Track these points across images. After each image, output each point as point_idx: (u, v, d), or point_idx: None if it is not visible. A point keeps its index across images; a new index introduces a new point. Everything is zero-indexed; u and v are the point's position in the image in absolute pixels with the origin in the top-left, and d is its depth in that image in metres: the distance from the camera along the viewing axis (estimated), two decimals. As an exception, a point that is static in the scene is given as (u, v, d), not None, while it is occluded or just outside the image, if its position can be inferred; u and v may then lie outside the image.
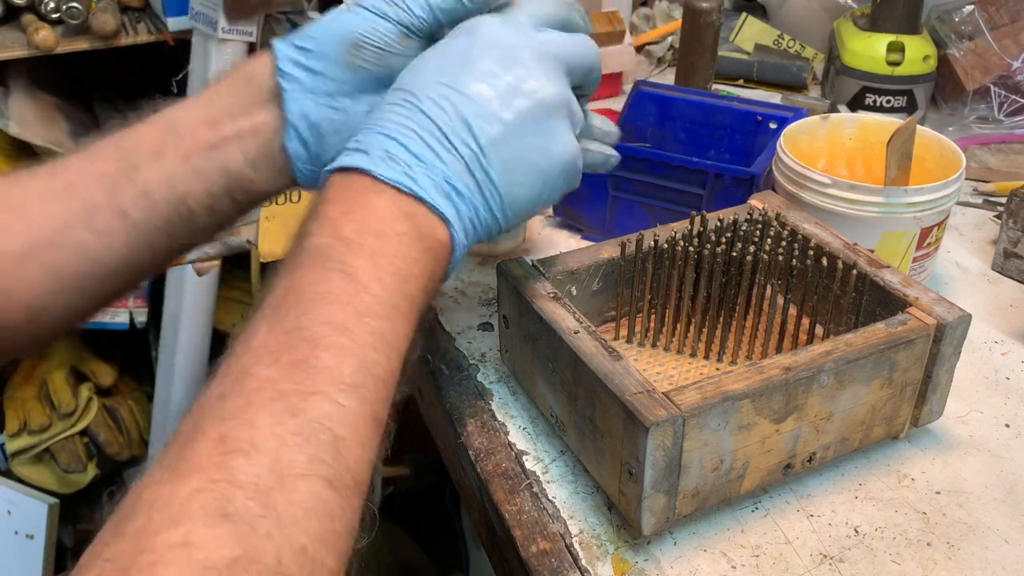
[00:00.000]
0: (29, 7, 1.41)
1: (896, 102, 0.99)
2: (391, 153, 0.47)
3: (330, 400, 0.39)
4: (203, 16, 1.30)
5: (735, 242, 0.61)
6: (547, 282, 0.60)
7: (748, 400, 0.50)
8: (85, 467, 1.58)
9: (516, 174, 0.50)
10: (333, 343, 0.40)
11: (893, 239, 0.69)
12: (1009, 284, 0.78)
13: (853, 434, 0.56)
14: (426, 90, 0.49)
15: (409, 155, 0.47)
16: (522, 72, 0.50)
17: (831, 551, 0.53)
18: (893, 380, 0.56)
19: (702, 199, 0.75)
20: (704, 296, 0.62)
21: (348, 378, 0.40)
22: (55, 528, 1.56)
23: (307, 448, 0.37)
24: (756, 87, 1.14)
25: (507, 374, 0.66)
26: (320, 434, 0.38)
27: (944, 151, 0.73)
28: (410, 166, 0.47)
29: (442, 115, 0.48)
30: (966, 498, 0.57)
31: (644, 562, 0.52)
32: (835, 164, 0.78)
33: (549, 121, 0.51)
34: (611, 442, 0.52)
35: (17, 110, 1.47)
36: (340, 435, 0.38)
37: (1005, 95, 1.01)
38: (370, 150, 0.47)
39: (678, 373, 0.63)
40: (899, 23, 0.98)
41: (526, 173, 0.50)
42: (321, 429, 0.38)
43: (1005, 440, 0.61)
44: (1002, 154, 0.99)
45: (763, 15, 1.28)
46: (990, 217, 0.87)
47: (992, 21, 1.00)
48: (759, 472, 0.54)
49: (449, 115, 0.48)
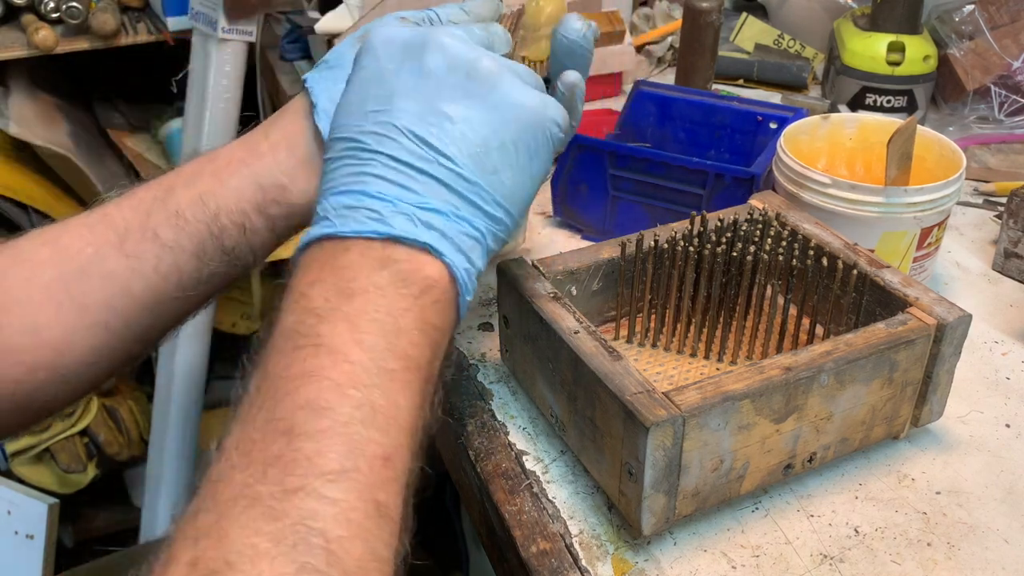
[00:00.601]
0: (29, 7, 1.41)
1: (896, 102, 0.99)
2: (349, 206, 0.43)
3: (316, 495, 0.34)
4: (203, 16, 1.30)
5: (735, 242, 0.61)
6: (547, 282, 0.59)
7: (748, 400, 0.50)
8: (85, 467, 1.58)
9: (489, 160, 0.45)
10: (312, 428, 0.36)
11: (893, 239, 0.69)
12: (1009, 284, 0.78)
13: (853, 434, 0.56)
14: (361, 127, 0.45)
15: (371, 199, 0.43)
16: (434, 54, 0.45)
17: (831, 551, 0.53)
18: (893, 380, 0.56)
19: (702, 199, 0.75)
20: (704, 296, 0.62)
21: (335, 464, 0.35)
22: (55, 528, 1.56)
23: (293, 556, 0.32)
24: (756, 87, 1.14)
25: (507, 374, 0.66)
26: (308, 537, 0.33)
27: (944, 151, 0.73)
28: (375, 211, 0.42)
29: (386, 142, 0.44)
30: (966, 498, 0.57)
31: (644, 562, 0.52)
32: (835, 164, 0.78)
33: (491, 86, 0.45)
34: (611, 442, 0.52)
35: (17, 110, 1.47)
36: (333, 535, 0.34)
37: (1005, 95, 1.01)
38: (328, 214, 0.43)
39: (678, 373, 0.63)
40: (899, 23, 0.98)
41: (500, 154, 0.45)
42: (308, 532, 0.33)
43: (1005, 440, 0.61)
44: (1002, 154, 0.99)
45: (763, 15, 1.28)
46: (990, 217, 0.87)
47: (992, 21, 1.00)
48: (759, 472, 0.54)
49: (393, 138, 0.44)
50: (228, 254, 0.53)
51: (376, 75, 0.46)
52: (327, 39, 1.11)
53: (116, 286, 0.52)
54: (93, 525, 1.71)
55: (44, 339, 0.50)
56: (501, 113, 0.46)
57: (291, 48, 1.27)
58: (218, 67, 1.31)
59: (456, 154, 0.44)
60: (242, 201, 0.53)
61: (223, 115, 1.34)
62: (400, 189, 0.43)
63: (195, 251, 0.52)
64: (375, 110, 0.45)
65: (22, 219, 1.45)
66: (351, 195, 0.43)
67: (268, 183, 0.53)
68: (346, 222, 0.42)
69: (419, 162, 0.44)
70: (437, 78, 0.45)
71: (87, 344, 0.52)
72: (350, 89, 0.48)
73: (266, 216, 0.53)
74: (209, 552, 0.32)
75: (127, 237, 0.52)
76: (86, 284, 0.51)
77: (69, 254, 0.51)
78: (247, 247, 0.54)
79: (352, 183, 0.44)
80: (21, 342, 0.50)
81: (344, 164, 0.45)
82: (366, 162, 0.44)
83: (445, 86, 0.45)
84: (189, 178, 0.54)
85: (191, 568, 0.32)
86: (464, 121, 0.45)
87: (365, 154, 0.44)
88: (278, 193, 0.53)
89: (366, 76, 0.47)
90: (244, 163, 0.53)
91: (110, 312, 0.52)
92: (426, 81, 0.45)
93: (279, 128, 0.55)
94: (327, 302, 0.40)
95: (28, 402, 0.51)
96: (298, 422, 0.36)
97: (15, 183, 1.44)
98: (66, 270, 0.51)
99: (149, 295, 0.52)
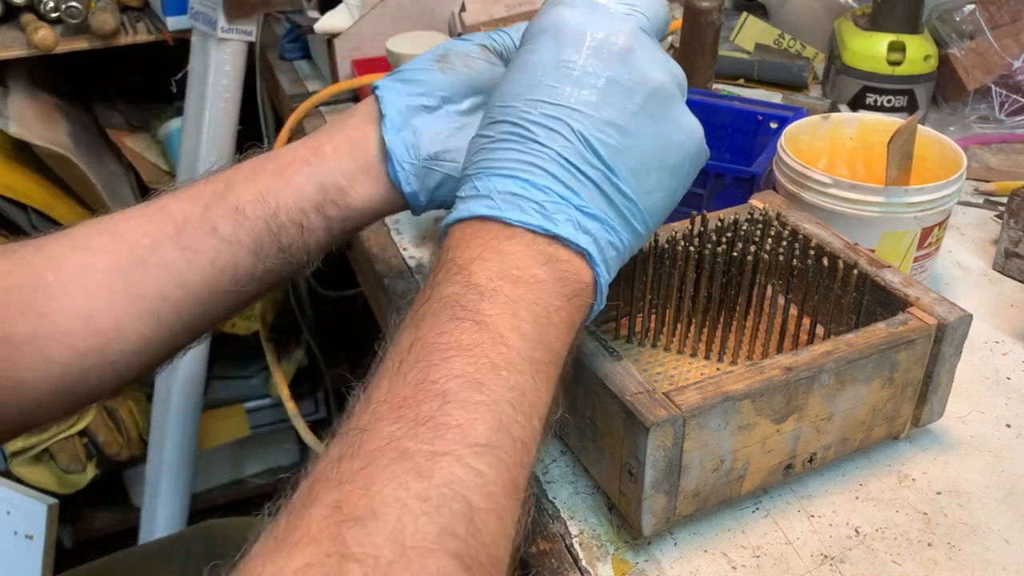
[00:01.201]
0: (28, 7, 1.41)
1: (897, 102, 0.99)
2: (516, 194, 0.43)
3: (462, 463, 0.34)
4: (202, 15, 1.30)
5: (735, 242, 0.61)
6: (547, 282, 0.59)
7: (748, 400, 0.50)
8: (84, 467, 1.58)
9: (648, 180, 0.45)
10: (465, 399, 0.36)
11: (894, 239, 0.69)
12: (1010, 284, 0.78)
13: (854, 434, 0.56)
14: (528, 116, 0.44)
15: (536, 191, 0.43)
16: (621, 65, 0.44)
17: (832, 551, 0.53)
18: (894, 380, 0.56)
19: (702, 199, 0.74)
20: (704, 296, 0.62)
21: (483, 438, 0.35)
22: (54, 528, 1.56)
23: (436, 518, 0.32)
24: (757, 87, 1.14)
25: (507, 374, 0.66)
26: (452, 502, 0.33)
27: (945, 151, 0.73)
28: (541, 204, 0.42)
29: (557, 139, 0.43)
30: (967, 498, 0.56)
31: (644, 563, 0.52)
32: (836, 164, 0.78)
33: (666, 109, 0.45)
34: (611, 442, 0.52)
35: (16, 110, 1.47)
36: (475, 504, 0.33)
37: (1006, 95, 1.01)
38: (492, 194, 0.43)
39: (678, 373, 0.62)
40: (900, 23, 0.97)
41: (658, 176, 0.45)
42: (452, 496, 0.33)
43: (1006, 440, 0.61)
44: (1003, 154, 0.99)
45: (764, 14, 1.27)
46: (991, 217, 0.87)
47: (993, 20, 1.00)
48: (760, 472, 0.54)
49: (565, 137, 0.43)
50: (284, 252, 0.54)
51: (553, 64, 0.44)
52: (327, 39, 1.11)
53: (171, 277, 0.52)
54: (92, 525, 1.71)
55: (96, 325, 0.51)
56: (669, 137, 0.46)
57: (291, 48, 1.27)
58: (218, 67, 1.31)
59: (621, 169, 0.44)
60: (302, 200, 0.53)
61: (223, 115, 1.34)
62: (565, 189, 0.43)
63: (252, 247, 0.53)
64: (546, 101, 0.44)
65: (21, 219, 1.45)
66: (517, 182, 0.43)
67: (329, 184, 0.54)
68: (512, 209, 0.42)
69: (586, 167, 0.43)
70: (620, 89, 0.44)
71: (138, 332, 0.52)
72: (521, 68, 0.46)
73: (324, 217, 0.54)
74: (353, 497, 0.32)
75: (185, 229, 0.52)
76: (142, 273, 0.51)
77: (126, 242, 0.51)
78: (303, 246, 0.54)
79: (518, 170, 0.43)
80: (73, 326, 0.50)
81: (508, 148, 0.44)
82: (534, 153, 0.43)
83: (626, 99, 0.44)
84: (250, 174, 0.54)
85: (334, 510, 0.32)
86: (635, 138, 0.44)
87: (534, 145, 0.43)
88: (338, 195, 0.54)
89: (541, 61, 0.45)
90: (306, 163, 0.54)
91: (163, 302, 0.52)
92: (608, 88, 0.44)
93: (344, 132, 0.55)
94: (491, 282, 0.40)
95: (74, 387, 0.51)
96: (452, 390, 0.36)
97: (14, 183, 1.44)
98: (122, 258, 0.51)
99: (204, 287, 0.53)
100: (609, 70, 0.44)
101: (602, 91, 0.44)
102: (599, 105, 0.44)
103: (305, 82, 1.21)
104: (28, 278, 0.50)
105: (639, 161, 0.45)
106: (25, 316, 0.50)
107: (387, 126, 0.54)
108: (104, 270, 0.51)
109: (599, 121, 0.44)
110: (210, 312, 0.54)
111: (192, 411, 1.51)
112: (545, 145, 0.43)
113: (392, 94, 0.55)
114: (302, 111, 1.05)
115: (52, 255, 0.51)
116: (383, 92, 0.56)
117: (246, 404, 1.78)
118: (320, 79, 1.20)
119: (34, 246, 0.52)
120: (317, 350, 1.70)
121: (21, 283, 0.50)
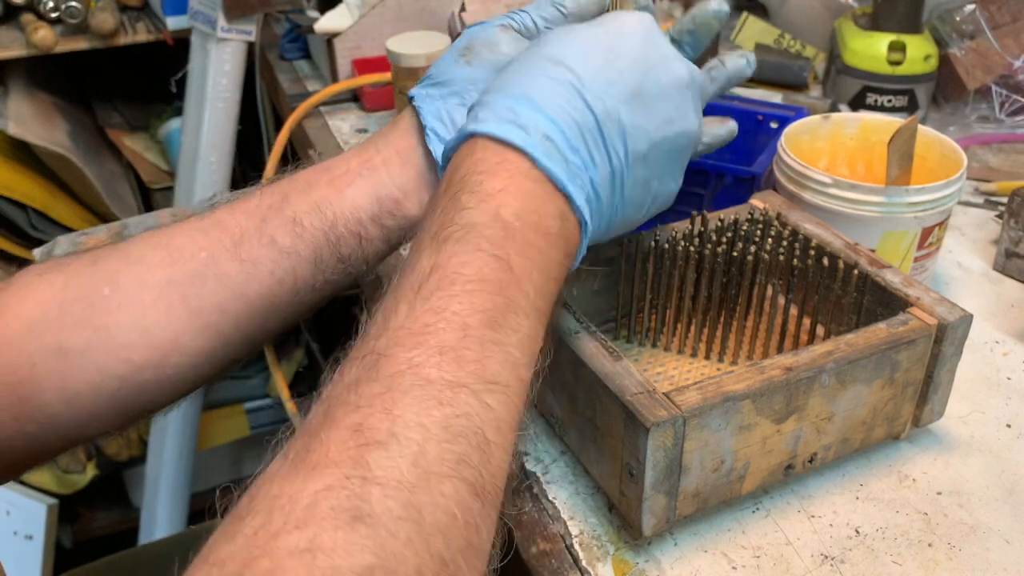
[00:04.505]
0: (28, 6, 1.41)
1: (897, 101, 0.99)
2: (551, 139, 0.43)
3: (478, 397, 0.35)
4: (202, 15, 1.30)
5: (736, 242, 0.61)
6: (547, 282, 0.59)
7: (749, 400, 0.50)
8: (84, 467, 1.58)
9: (638, 193, 0.48)
10: (483, 335, 0.37)
11: (894, 239, 0.69)
12: (1010, 284, 0.78)
13: (854, 434, 0.56)
14: (585, 74, 0.45)
15: (568, 147, 0.44)
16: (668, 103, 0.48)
17: (832, 552, 0.53)
18: (894, 380, 0.55)
19: (703, 199, 0.74)
20: (705, 296, 0.62)
21: (495, 376, 0.36)
22: (54, 529, 1.56)
23: (455, 445, 0.33)
24: (757, 86, 1.14)
25: (507, 374, 0.66)
26: (468, 432, 0.34)
27: (945, 151, 0.73)
28: (568, 161, 0.43)
29: (604, 112, 0.45)
30: (967, 499, 0.56)
31: (645, 563, 0.52)
32: (836, 164, 0.78)
33: (682, 152, 0.50)
34: (611, 442, 0.52)
35: (16, 110, 1.47)
36: (488, 437, 0.34)
37: (1006, 94, 1.01)
38: (527, 127, 0.43)
39: (679, 373, 0.62)
40: (900, 22, 0.97)
41: (643, 197, 0.49)
42: (470, 426, 0.34)
43: (1006, 440, 0.61)
44: (1003, 154, 0.99)
45: (764, 14, 1.27)
46: (991, 217, 0.87)
47: (993, 20, 1.00)
48: (760, 473, 0.54)
49: (611, 115, 0.45)
50: (343, 262, 0.54)
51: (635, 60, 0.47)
52: (327, 39, 1.11)
53: (230, 290, 0.52)
54: (92, 525, 1.71)
55: (153, 339, 0.50)
56: (675, 177, 0.50)
57: (291, 48, 1.27)
58: (217, 67, 1.31)
59: (630, 175, 0.47)
60: (358, 211, 0.53)
61: (222, 115, 1.34)
62: (588, 158, 0.45)
63: (312, 258, 0.53)
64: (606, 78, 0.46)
65: (20, 218, 1.45)
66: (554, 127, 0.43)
67: (384, 195, 0.54)
68: (548, 157, 0.43)
69: (612, 154, 0.46)
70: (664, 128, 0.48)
71: (195, 346, 0.51)
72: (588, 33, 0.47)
73: (382, 227, 0.54)
74: (374, 420, 0.32)
75: (242, 242, 0.52)
76: (200, 287, 0.51)
77: (183, 256, 0.51)
78: (361, 256, 0.54)
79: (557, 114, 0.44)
80: (130, 339, 0.50)
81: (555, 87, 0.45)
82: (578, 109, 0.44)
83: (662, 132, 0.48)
84: (304, 186, 0.54)
85: (354, 433, 0.32)
86: (653, 161, 0.48)
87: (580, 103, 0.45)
88: (394, 206, 0.54)
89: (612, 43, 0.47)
90: (359, 175, 0.54)
91: (222, 315, 0.52)
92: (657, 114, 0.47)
93: (390, 144, 0.55)
94: (517, 221, 0.41)
95: (130, 400, 0.51)
96: (472, 324, 0.37)
97: (13, 182, 1.44)
98: (179, 272, 0.51)
99: (264, 299, 0.52)
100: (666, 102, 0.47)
101: (654, 108, 0.47)
102: (644, 113, 0.46)
103: (305, 82, 1.21)
104: (84, 291, 0.50)
105: (643, 176, 0.48)
106: (80, 329, 0.49)
107: (429, 136, 0.54)
108: (160, 284, 0.51)
109: (639, 125, 0.46)
110: (269, 324, 0.54)
111: (192, 411, 1.51)
112: (591, 109, 0.44)
113: (427, 102, 0.55)
114: (302, 111, 1.05)
115: (107, 269, 0.51)
116: (419, 102, 0.55)
117: (246, 404, 1.78)
118: (320, 79, 1.20)
119: (87, 260, 0.52)
120: (317, 350, 1.70)
121: (76, 297, 0.50)
